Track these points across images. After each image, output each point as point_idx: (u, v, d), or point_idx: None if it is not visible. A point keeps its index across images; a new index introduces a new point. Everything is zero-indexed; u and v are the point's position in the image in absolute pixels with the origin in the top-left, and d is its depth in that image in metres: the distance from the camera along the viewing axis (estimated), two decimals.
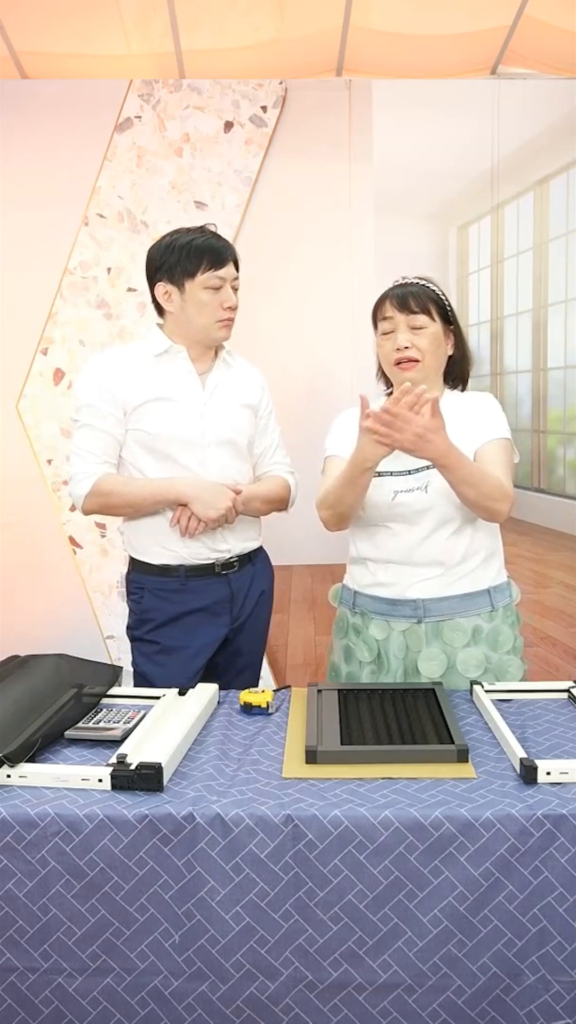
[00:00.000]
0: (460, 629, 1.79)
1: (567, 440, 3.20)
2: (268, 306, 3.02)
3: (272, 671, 3.11)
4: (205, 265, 1.87)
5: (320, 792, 1.29)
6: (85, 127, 2.94)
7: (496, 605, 1.83)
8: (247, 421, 2.01)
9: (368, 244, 3.02)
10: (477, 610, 1.81)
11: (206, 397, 1.94)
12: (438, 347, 1.82)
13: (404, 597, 1.80)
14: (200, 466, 1.92)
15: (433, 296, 1.81)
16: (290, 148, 2.98)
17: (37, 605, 3.03)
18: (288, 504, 2.09)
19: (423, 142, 3.03)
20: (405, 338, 1.79)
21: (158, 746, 1.39)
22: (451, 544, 1.79)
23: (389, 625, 1.83)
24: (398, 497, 1.79)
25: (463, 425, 1.82)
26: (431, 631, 1.80)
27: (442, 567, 1.80)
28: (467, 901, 1.21)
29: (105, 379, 1.91)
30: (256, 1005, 1.24)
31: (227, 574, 1.97)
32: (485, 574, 1.83)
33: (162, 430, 1.90)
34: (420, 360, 1.79)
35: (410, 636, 1.81)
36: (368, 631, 1.85)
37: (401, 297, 1.80)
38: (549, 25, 2.78)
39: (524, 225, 3.12)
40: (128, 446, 1.93)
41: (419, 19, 2.78)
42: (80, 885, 1.23)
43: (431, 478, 1.76)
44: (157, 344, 1.94)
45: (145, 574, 1.97)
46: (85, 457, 1.91)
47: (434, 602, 1.79)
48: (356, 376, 3.00)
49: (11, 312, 2.99)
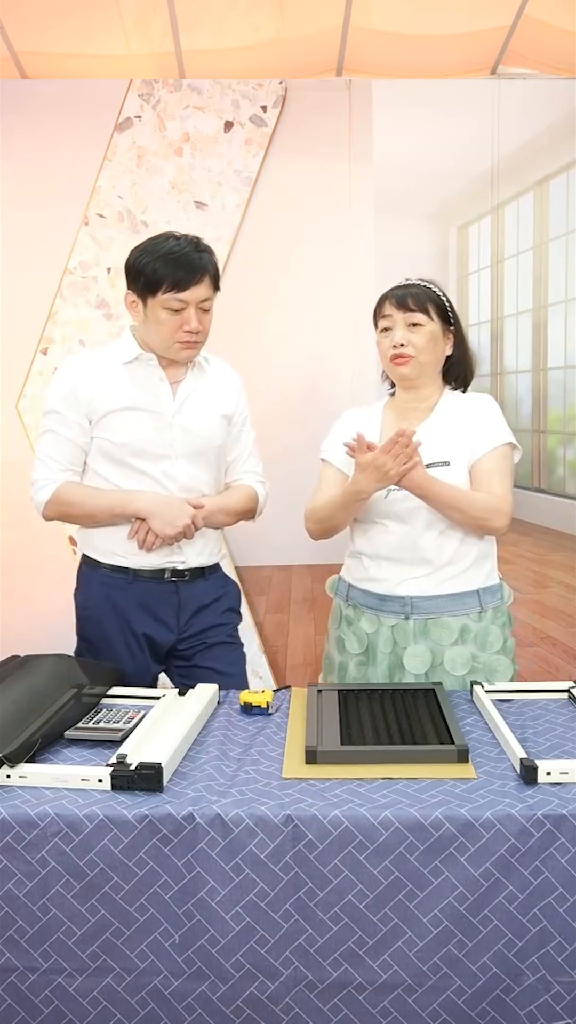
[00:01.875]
0: (447, 628, 1.82)
1: (567, 440, 3.19)
2: (268, 306, 3.02)
3: (272, 671, 3.11)
4: (167, 286, 1.79)
5: (320, 792, 1.29)
6: (85, 127, 2.94)
7: (485, 606, 1.85)
8: (219, 430, 1.96)
9: (368, 244, 3.02)
10: (465, 610, 1.84)
11: (176, 407, 1.90)
12: (434, 345, 1.85)
13: (393, 593, 1.84)
14: (165, 477, 1.89)
15: (432, 296, 1.85)
16: (290, 148, 2.98)
17: (37, 605, 3.02)
18: (256, 514, 2.05)
19: (423, 142, 3.02)
20: (401, 335, 1.83)
21: (158, 746, 1.39)
22: (440, 544, 1.83)
23: (379, 619, 1.87)
24: (391, 495, 1.82)
25: (462, 428, 1.85)
26: (419, 628, 1.83)
27: (430, 566, 1.83)
28: (467, 901, 1.21)
29: (73, 385, 1.87)
30: (256, 1005, 1.24)
31: (176, 583, 1.93)
32: (476, 575, 1.86)
33: (128, 440, 1.87)
34: (414, 356, 1.83)
35: (398, 631, 1.84)
36: (359, 624, 1.89)
37: (400, 297, 1.85)
38: (549, 25, 2.78)
39: (524, 225, 3.12)
40: (93, 455, 1.90)
41: (419, 19, 2.78)
42: (80, 885, 1.23)
43: None
44: (127, 351, 1.90)
45: (94, 567, 1.96)
46: (48, 463, 1.89)
47: (422, 600, 1.83)
48: (356, 376, 3.00)
49: (11, 312, 2.98)
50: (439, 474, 1.79)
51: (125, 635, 1.93)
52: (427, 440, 1.79)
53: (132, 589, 1.92)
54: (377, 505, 1.84)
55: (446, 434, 1.85)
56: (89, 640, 1.97)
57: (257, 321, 3.01)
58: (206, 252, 1.87)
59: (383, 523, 1.86)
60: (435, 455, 1.81)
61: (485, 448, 1.83)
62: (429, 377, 1.89)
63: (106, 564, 1.93)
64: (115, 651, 1.92)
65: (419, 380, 1.88)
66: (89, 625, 1.97)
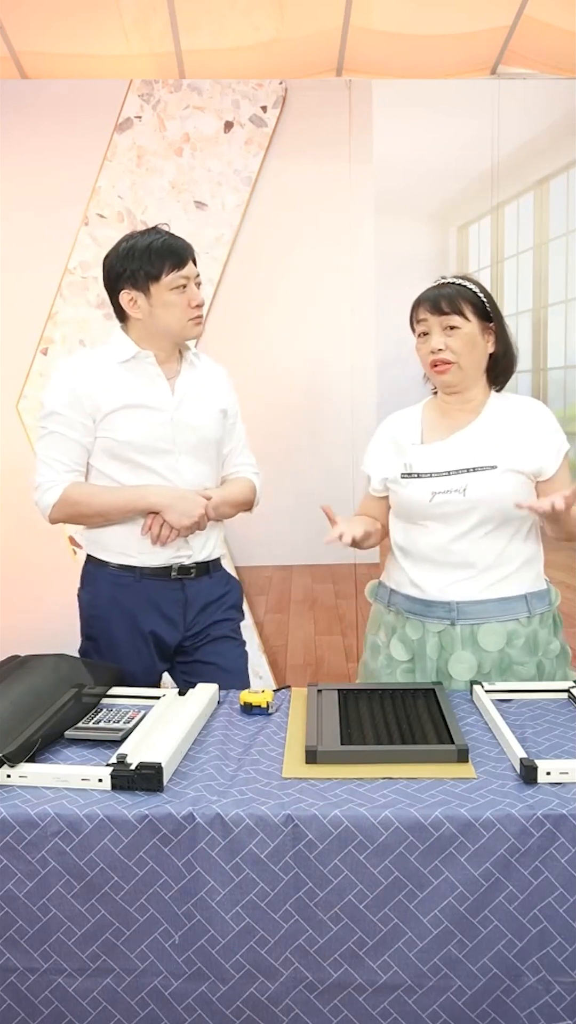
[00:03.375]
0: (495, 633, 1.78)
1: (567, 440, 3.19)
2: (268, 306, 3.02)
3: (272, 671, 3.11)
4: (168, 267, 1.85)
5: (320, 792, 1.29)
6: (85, 127, 2.94)
7: (533, 611, 1.81)
8: (217, 423, 1.98)
9: (368, 244, 3.02)
10: (513, 615, 1.79)
11: (176, 403, 1.92)
12: (473, 347, 1.79)
13: (439, 599, 1.79)
14: (172, 473, 1.90)
15: (468, 295, 1.78)
16: (290, 148, 2.98)
17: (37, 605, 3.02)
18: (253, 505, 2.07)
19: (423, 142, 3.03)
20: (439, 340, 1.77)
21: (158, 746, 1.38)
22: (484, 546, 1.78)
23: (424, 626, 1.82)
24: (436, 499, 1.77)
25: (512, 434, 1.80)
26: (466, 634, 1.79)
27: (474, 568, 1.78)
28: (467, 901, 1.21)
29: (72, 386, 1.88)
30: (256, 1006, 1.24)
31: (182, 579, 1.94)
32: (523, 580, 1.81)
33: (132, 438, 1.88)
34: (455, 362, 1.78)
35: (444, 637, 1.80)
36: (404, 630, 1.85)
37: (434, 299, 1.78)
38: (549, 25, 2.78)
39: (524, 225, 3.12)
40: (96, 454, 1.91)
41: (419, 19, 2.78)
42: (80, 885, 1.23)
43: (469, 482, 1.75)
44: (124, 350, 1.91)
45: (100, 567, 1.96)
46: (52, 465, 1.90)
47: (468, 605, 1.78)
48: (355, 376, 3.00)
49: (11, 312, 2.98)
50: (484, 478, 1.75)
51: (132, 633, 1.93)
52: (474, 443, 1.78)
53: (139, 587, 1.92)
54: (420, 508, 1.80)
55: (494, 438, 1.79)
56: (95, 639, 1.98)
57: (257, 321, 3.01)
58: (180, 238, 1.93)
59: (424, 524, 1.81)
60: (482, 459, 1.76)
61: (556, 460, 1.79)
62: (472, 380, 1.83)
63: (113, 563, 1.94)
64: (121, 649, 1.93)
65: (461, 385, 1.82)
66: (95, 624, 1.98)
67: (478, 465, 1.76)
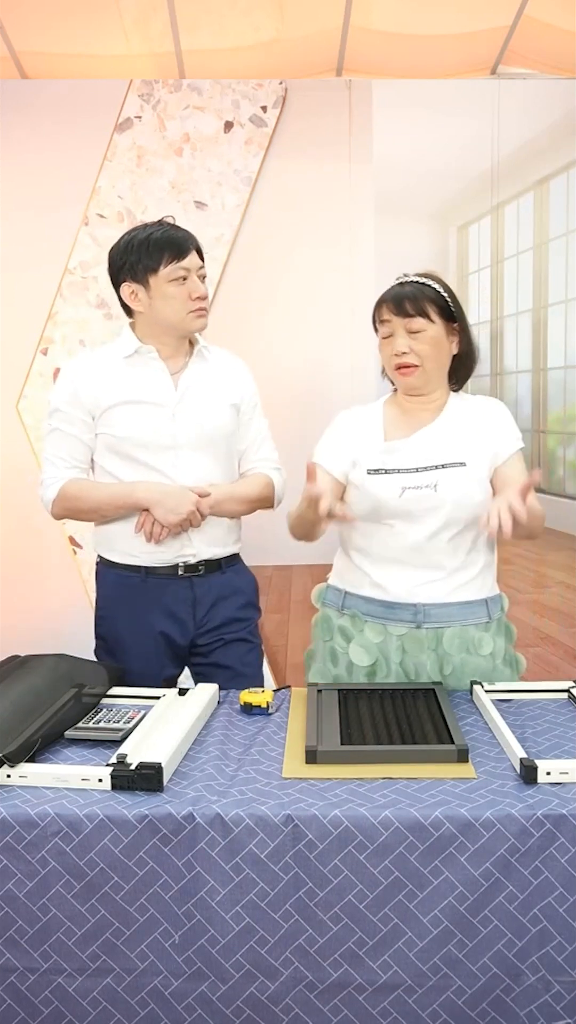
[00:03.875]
0: (459, 637, 1.76)
1: (567, 440, 3.19)
2: (268, 306, 3.02)
3: (272, 671, 3.11)
4: (167, 258, 1.84)
5: (320, 792, 1.29)
6: (85, 127, 2.94)
7: (492, 616, 1.80)
8: (226, 419, 1.95)
9: (368, 244, 3.02)
10: (476, 619, 1.78)
11: (178, 398, 1.90)
12: (439, 350, 1.76)
13: (404, 601, 1.76)
14: (173, 469, 1.89)
15: (431, 295, 1.74)
16: (290, 148, 2.98)
17: (37, 605, 3.02)
18: (274, 502, 2.03)
19: (423, 142, 3.03)
20: (403, 343, 1.73)
21: (158, 746, 1.39)
22: (453, 547, 1.75)
23: (386, 629, 1.77)
24: (406, 494, 1.72)
25: (475, 431, 1.78)
26: (431, 637, 1.76)
27: (442, 570, 1.75)
28: (467, 901, 1.21)
29: (75, 384, 1.89)
30: (256, 1005, 1.24)
31: (190, 577, 1.93)
32: (483, 584, 1.80)
33: (131, 434, 1.87)
34: (419, 365, 1.75)
35: (408, 640, 1.77)
36: (364, 635, 1.79)
37: (397, 300, 1.73)
38: (549, 25, 2.78)
39: (524, 225, 3.12)
40: (99, 451, 1.91)
41: (419, 19, 2.78)
42: (80, 885, 1.23)
43: (440, 477, 1.72)
44: (126, 346, 1.91)
45: (108, 567, 1.96)
46: (55, 462, 1.91)
47: (435, 607, 1.75)
48: (355, 376, 3.00)
49: (11, 312, 2.98)
50: (454, 475, 1.72)
51: (141, 634, 1.92)
52: (441, 441, 1.76)
53: (146, 587, 1.92)
54: (387, 505, 1.74)
55: (459, 435, 1.77)
56: (105, 638, 1.98)
57: (257, 321, 3.01)
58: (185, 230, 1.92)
59: (390, 524, 1.75)
60: (451, 456, 1.74)
61: (507, 453, 1.77)
62: (437, 382, 1.80)
63: (120, 563, 1.94)
64: (131, 650, 1.93)
65: (426, 387, 1.79)
66: (104, 624, 1.98)
67: (447, 462, 1.74)
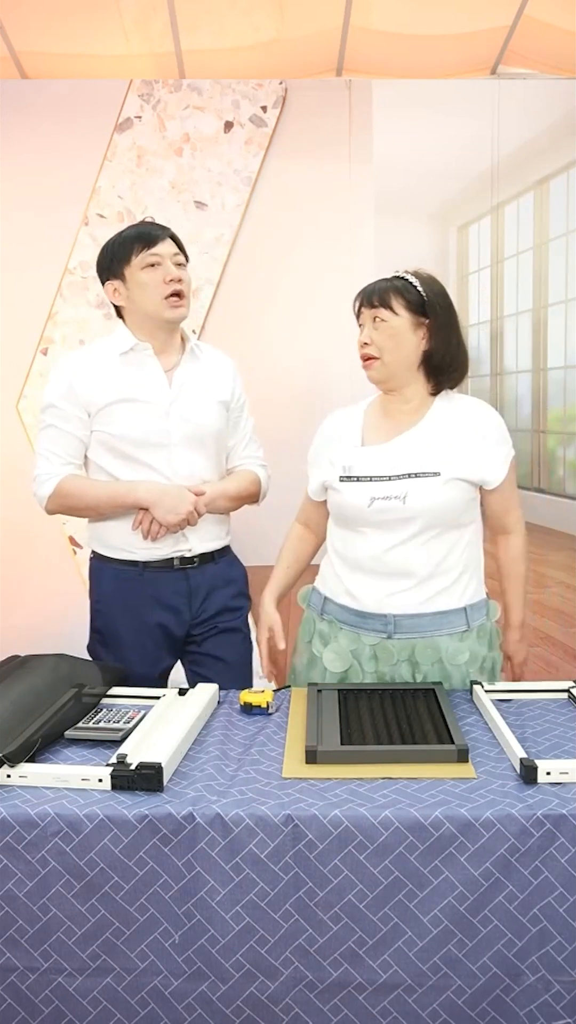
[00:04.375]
0: (432, 647, 1.72)
1: (567, 440, 3.20)
2: (267, 306, 3.02)
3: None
4: (137, 248, 1.87)
5: (320, 792, 1.29)
6: (85, 127, 2.94)
7: (471, 624, 1.74)
8: (217, 417, 1.97)
9: (368, 244, 3.02)
10: (450, 629, 1.72)
11: (172, 396, 1.92)
12: (399, 342, 1.70)
13: (374, 611, 1.72)
14: (166, 467, 1.90)
15: (399, 287, 1.70)
16: (290, 148, 2.98)
17: (37, 605, 3.02)
18: (259, 498, 2.06)
19: (423, 142, 3.03)
20: (366, 333, 1.73)
21: (158, 746, 1.39)
22: (423, 554, 1.69)
23: (359, 637, 1.75)
24: (375, 504, 1.69)
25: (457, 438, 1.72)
26: (402, 648, 1.72)
27: (412, 579, 1.70)
28: (467, 901, 1.21)
29: (70, 380, 1.90)
30: (256, 1005, 1.24)
31: (185, 569, 1.95)
32: (463, 591, 1.74)
33: (127, 432, 1.88)
34: (379, 357, 1.72)
35: (380, 650, 1.73)
36: (338, 641, 1.77)
37: (367, 292, 1.73)
38: (549, 25, 2.78)
39: (524, 225, 3.12)
40: (93, 448, 1.92)
41: (419, 19, 2.78)
42: (80, 885, 1.23)
43: (410, 488, 1.68)
44: (122, 342, 1.92)
45: (104, 562, 1.97)
46: (49, 458, 1.91)
47: (406, 619, 1.71)
48: (355, 376, 2.99)
49: (11, 312, 2.98)
50: (425, 485, 1.67)
51: (137, 628, 1.94)
52: (416, 448, 1.71)
53: (142, 580, 1.93)
54: (357, 514, 1.71)
55: (437, 443, 1.71)
56: (102, 632, 1.99)
57: (257, 321, 3.01)
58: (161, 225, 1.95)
59: (361, 531, 1.72)
60: (424, 465, 1.69)
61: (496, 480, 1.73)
62: (404, 378, 1.74)
63: (115, 559, 1.95)
64: (127, 643, 1.94)
65: (392, 382, 1.75)
66: (99, 618, 1.99)
67: (419, 471, 1.68)
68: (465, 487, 1.71)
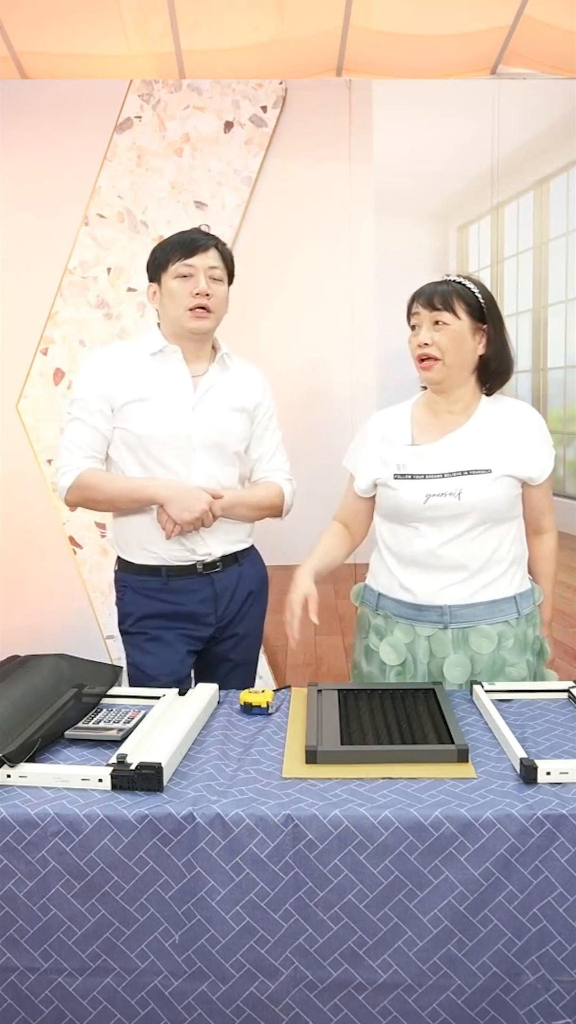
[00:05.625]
0: (487, 636, 1.77)
1: (567, 440, 3.20)
2: (267, 306, 3.02)
3: (272, 671, 3.11)
4: (175, 256, 1.88)
5: (320, 792, 1.29)
6: (85, 127, 2.94)
7: (521, 612, 1.81)
8: (240, 425, 1.98)
9: (368, 244, 3.02)
10: (504, 616, 1.79)
11: (196, 399, 1.92)
12: (460, 346, 1.76)
13: (431, 603, 1.78)
14: (185, 469, 1.91)
15: (463, 293, 1.76)
16: (290, 148, 2.98)
17: (37, 605, 3.02)
18: (283, 511, 2.06)
19: (423, 142, 3.03)
20: (426, 335, 1.76)
21: (158, 746, 1.39)
22: (475, 547, 1.76)
23: (414, 630, 1.80)
24: (430, 501, 1.75)
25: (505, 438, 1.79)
26: (458, 637, 1.78)
27: (465, 571, 1.76)
28: (467, 901, 1.21)
29: (98, 375, 1.91)
30: (256, 1005, 1.24)
31: (210, 574, 1.96)
32: (511, 581, 1.80)
33: (148, 431, 1.89)
34: (440, 359, 1.76)
35: (435, 642, 1.79)
36: (394, 635, 1.83)
37: (428, 294, 1.76)
38: (549, 25, 2.78)
39: (524, 225, 3.12)
40: (115, 446, 1.93)
41: (419, 19, 2.78)
42: (80, 885, 1.23)
43: (464, 485, 1.74)
44: (153, 343, 1.94)
45: (129, 573, 1.98)
46: (72, 451, 1.92)
47: (460, 609, 1.77)
48: (355, 376, 3.00)
49: (11, 312, 2.99)
50: (479, 482, 1.74)
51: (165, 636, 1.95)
52: (467, 446, 1.77)
53: (167, 593, 1.94)
54: (413, 509, 1.77)
55: (487, 441, 1.78)
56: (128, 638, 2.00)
57: (257, 321, 3.01)
58: (216, 237, 1.95)
59: (415, 526, 1.78)
60: (476, 462, 1.75)
61: (540, 478, 1.81)
62: (459, 380, 1.80)
63: (139, 566, 1.95)
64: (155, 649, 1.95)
65: (446, 383, 1.79)
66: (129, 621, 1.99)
67: (472, 468, 1.75)
68: (513, 483, 1.79)
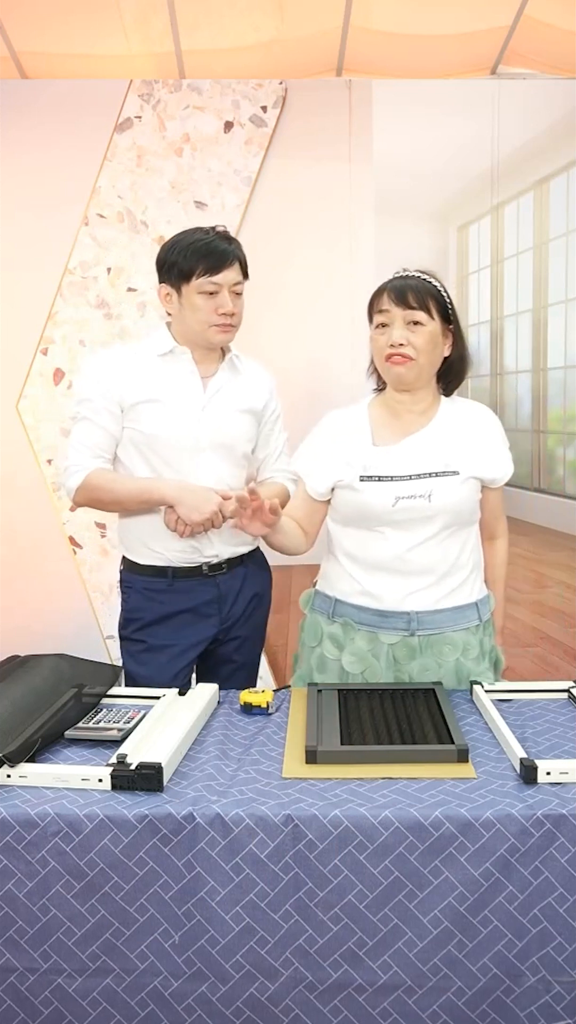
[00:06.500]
0: (451, 643, 1.75)
1: (567, 440, 3.19)
2: (267, 306, 3.01)
3: (272, 671, 3.11)
4: (201, 270, 1.84)
5: (320, 792, 1.29)
6: (85, 127, 2.94)
7: (483, 618, 1.81)
8: (247, 427, 1.98)
9: (368, 244, 3.02)
10: (467, 623, 1.78)
11: (205, 401, 1.92)
12: (434, 347, 1.73)
13: (396, 609, 1.74)
14: (193, 470, 1.91)
15: (434, 292, 1.72)
16: (290, 148, 2.97)
17: (37, 605, 3.02)
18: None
19: (423, 142, 3.02)
20: (400, 334, 1.71)
21: (158, 746, 1.39)
22: (441, 552, 1.74)
23: (377, 637, 1.76)
24: (400, 503, 1.71)
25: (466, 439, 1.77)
26: (423, 644, 1.75)
27: (432, 575, 1.74)
28: (467, 901, 1.21)
29: (106, 375, 1.90)
30: (256, 1006, 1.24)
31: (215, 576, 1.96)
32: (473, 587, 1.80)
33: (157, 431, 1.89)
34: (414, 359, 1.72)
35: (399, 649, 1.75)
36: (355, 643, 1.77)
37: (400, 290, 1.71)
38: (549, 25, 2.78)
39: (524, 225, 3.12)
40: (124, 447, 1.92)
41: (419, 19, 2.78)
42: (80, 885, 1.23)
43: (434, 487, 1.71)
44: (162, 344, 1.93)
45: (134, 573, 1.97)
46: (80, 451, 1.91)
47: (427, 615, 1.74)
48: (355, 376, 2.99)
49: (11, 312, 2.98)
50: (447, 484, 1.71)
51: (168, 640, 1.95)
52: (432, 448, 1.75)
53: (173, 594, 1.94)
54: (381, 512, 1.72)
55: (450, 442, 1.76)
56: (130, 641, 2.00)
57: (256, 321, 2.99)
58: (234, 241, 1.92)
59: (380, 531, 1.74)
60: (443, 464, 1.73)
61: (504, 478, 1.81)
62: (426, 380, 1.78)
63: (144, 566, 1.95)
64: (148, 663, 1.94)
65: (416, 383, 1.76)
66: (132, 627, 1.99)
67: (441, 470, 1.73)
68: (477, 485, 1.78)
